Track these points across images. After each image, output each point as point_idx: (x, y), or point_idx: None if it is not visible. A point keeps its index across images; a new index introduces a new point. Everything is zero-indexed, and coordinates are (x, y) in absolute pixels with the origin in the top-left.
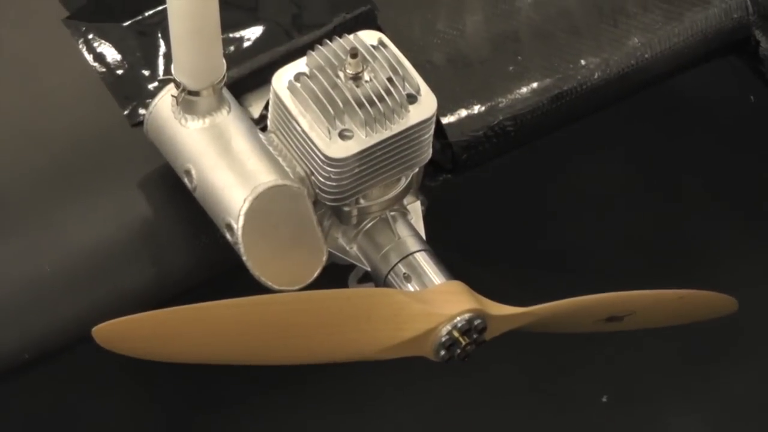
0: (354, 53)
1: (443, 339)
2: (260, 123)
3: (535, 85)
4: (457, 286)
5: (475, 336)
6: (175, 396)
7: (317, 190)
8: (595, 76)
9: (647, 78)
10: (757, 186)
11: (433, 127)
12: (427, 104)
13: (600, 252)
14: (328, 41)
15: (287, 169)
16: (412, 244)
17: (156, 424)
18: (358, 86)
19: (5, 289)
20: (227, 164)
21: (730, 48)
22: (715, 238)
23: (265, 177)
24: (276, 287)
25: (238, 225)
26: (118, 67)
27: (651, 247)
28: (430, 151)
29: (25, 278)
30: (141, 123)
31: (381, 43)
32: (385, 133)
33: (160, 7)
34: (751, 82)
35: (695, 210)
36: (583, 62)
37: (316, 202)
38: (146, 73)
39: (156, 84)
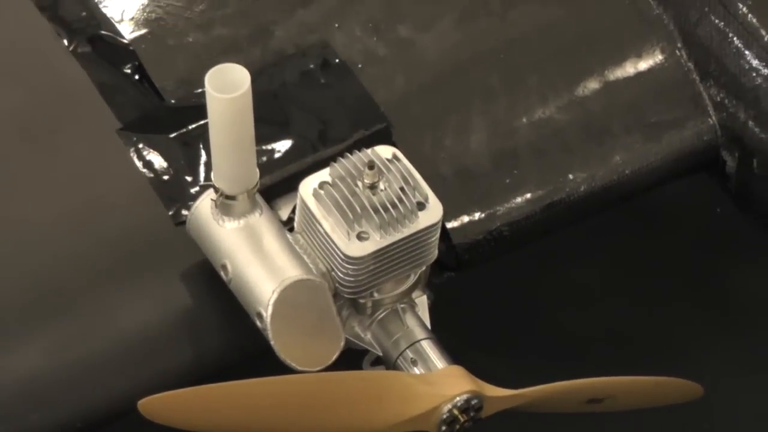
0: (371, 165)
1: (444, 416)
2: (288, 224)
3: (529, 195)
4: (457, 370)
5: (472, 414)
6: None
7: (337, 284)
8: (582, 189)
9: (628, 191)
10: (723, 285)
11: (439, 231)
12: (434, 211)
13: (585, 340)
14: (348, 154)
15: (311, 265)
16: (419, 333)
17: None
18: (374, 194)
19: (62, 366)
20: (259, 260)
21: (700, 166)
22: (686, 330)
23: (291, 272)
24: (299, 368)
25: (268, 314)
26: (165, 173)
27: (630, 337)
28: (436, 251)
29: (80, 356)
30: (183, 222)
31: (395, 156)
32: (398, 236)
33: (202, 122)
34: (718, 196)
35: (669, 305)
36: (571, 176)
37: (336, 295)
38: (189, 179)
39: (197, 188)
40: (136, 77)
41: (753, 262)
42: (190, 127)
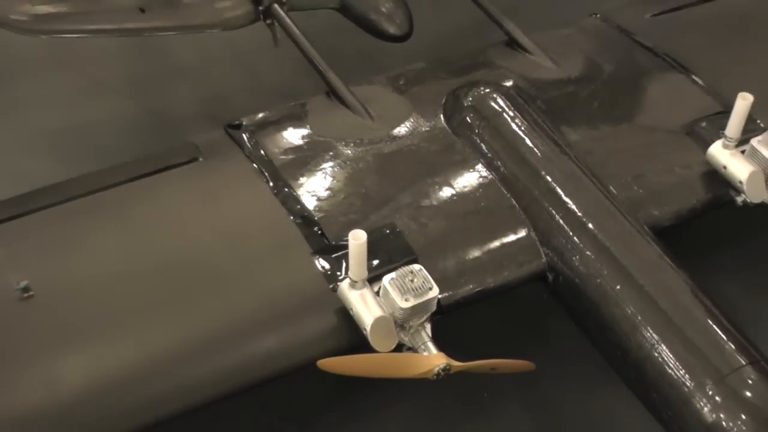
0: (411, 272)
1: (435, 372)
2: (377, 292)
3: (471, 286)
4: (441, 354)
5: (446, 371)
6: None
7: (395, 319)
8: (491, 286)
9: (507, 289)
10: (546, 325)
11: (437, 298)
12: (435, 291)
13: (491, 342)
14: (400, 269)
15: (386, 310)
16: (426, 339)
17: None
18: (412, 283)
19: (261, 350)
20: (365, 308)
21: (538, 279)
22: (530, 338)
23: (377, 312)
24: (380, 350)
25: (368, 329)
26: (329, 270)
27: (504, 342)
28: (435, 306)
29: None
30: (335, 290)
31: (420, 270)
32: (420, 300)
33: (345, 251)
34: (545, 292)
35: (528, 327)
36: (487, 281)
37: (394, 322)
38: (339, 273)
39: (342, 276)
40: (319, 232)
41: (560, 318)
42: (340, 253)
